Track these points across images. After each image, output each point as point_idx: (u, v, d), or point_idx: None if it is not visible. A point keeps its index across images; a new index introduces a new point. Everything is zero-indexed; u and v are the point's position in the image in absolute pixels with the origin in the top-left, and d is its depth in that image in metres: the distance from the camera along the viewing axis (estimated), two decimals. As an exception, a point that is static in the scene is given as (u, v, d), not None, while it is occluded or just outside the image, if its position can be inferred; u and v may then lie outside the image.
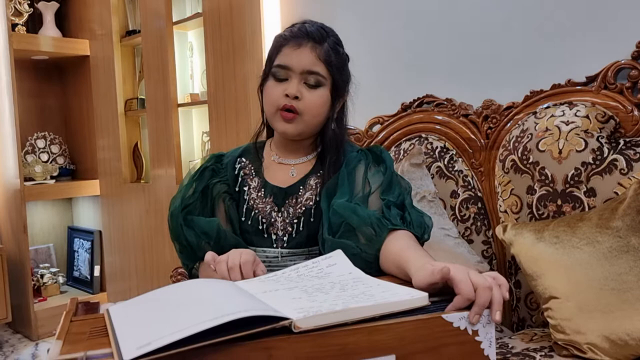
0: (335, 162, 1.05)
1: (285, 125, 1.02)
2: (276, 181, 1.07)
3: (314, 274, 0.79)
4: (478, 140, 1.51)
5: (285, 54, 1.01)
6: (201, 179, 1.09)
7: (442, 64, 1.66)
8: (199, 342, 0.53)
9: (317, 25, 1.04)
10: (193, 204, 1.06)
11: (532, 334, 1.22)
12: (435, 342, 0.61)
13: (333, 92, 1.04)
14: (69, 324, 0.66)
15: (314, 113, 1.02)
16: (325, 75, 1.02)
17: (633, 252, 1.03)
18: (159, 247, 2.60)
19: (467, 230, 1.47)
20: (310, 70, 1.00)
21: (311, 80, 1.01)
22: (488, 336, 0.63)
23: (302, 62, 1.00)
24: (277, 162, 1.10)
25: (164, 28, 2.45)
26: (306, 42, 1.00)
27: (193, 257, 1.05)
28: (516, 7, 1.50)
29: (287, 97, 1.00)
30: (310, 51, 1.00)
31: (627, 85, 1.28)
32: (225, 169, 1.11)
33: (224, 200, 1.09)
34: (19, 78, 2.72)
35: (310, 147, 1.10)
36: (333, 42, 1.03)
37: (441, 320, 0.62)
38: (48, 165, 2.93)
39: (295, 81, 1.01)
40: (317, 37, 1.01)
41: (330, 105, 1.05)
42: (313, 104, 1.01)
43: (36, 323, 2.62)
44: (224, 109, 2.22)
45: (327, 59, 1.01)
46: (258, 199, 1.07)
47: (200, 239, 1.03)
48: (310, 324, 0.58)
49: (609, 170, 1.20)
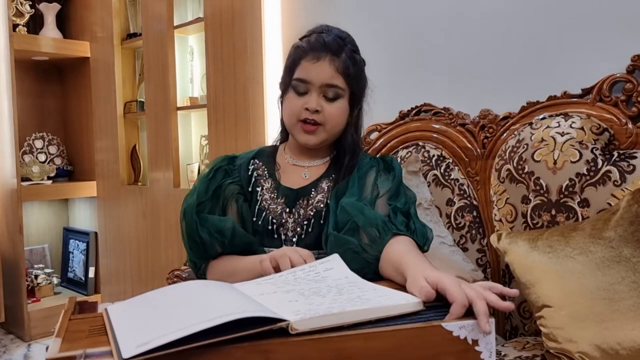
0: (351, 165, 1.07)
1: (307, 137, 1.05)
2: (288, 182, 1.09)
3: (311, 277, 0.79)
4: (474, 149, 1.53)
5: (304, 67, 1.03)
6: (214, 178, 1.09)
7: (441, 73, 1.68)
8: (197, 342, 0.54)
9: (334, 34, 1.05)
10: (205, 203, 1.06)
11: (525, 342, 1.24)
12: (433, 350, 0.60)
13: (351, 101, 1.06)
14: (68, 322, 0.66)
15: (334, 124, 1.05)
16: (344, 87, 1.04)
17: (625, 263, 1.04)
18: (154, 250, 2.60)
19: (462, 238, 1.48)
20: (329, 83, 1.03)
21: (330, 93, 1.03)
22: (488, 346, 0.62)
23: (321, 76, 1.02)
24: (291, 163, 1.11)
25: (165, 32, 2.47)
26: (324, 54, 1.02)
27: (204, 255, 1.05)
28: (515, 19, 1.52)
29: (307, 111, 1.03)
30: (328, 65, 1.02)
31: (622, 99, 1.30)
32: (238, 170, 1.12)
33: (236, 200, 1.09)
34: (19, 78, 2.73)
35: (324, 151, 1.11)
36: (350, 50, 1.05)
37: (440, 329, 0.61)
38: (45, 166, 2.93)
39: (314, 94, 1.03)
40: (335, 48, 1.02)
41: (349, 114, 1.07)
42: (333, 115, 1.04)
43: (29, 324, 2.60)
44: (224, 114, 2.24)
45: (345, 71, 1.03)
46: (270, 200, 1.08)
47: (213, 237, 1.02)
48: (307, 325, 0.58)
49: (602, 181, 1.21)
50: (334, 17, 1.92)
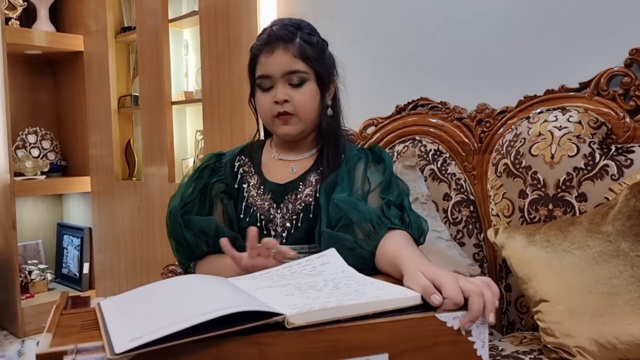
0: (335, 153, 1.06)
1: (285, 128, 1.04)
2: (275, 178, 1.08)
3: (307, 271, 0.79)
4: (471, 143, 1.52)
5: (262, 63, 1.04)
6: (200, 178, 1.09)
7: (437, 67, 1.67)
8: (191, 337, 0.53)
9: (284, 24, 1.05)
10: (191, 203, 1.06)
11: (522, 337, 1.23)
12: (427, 341, 0.61)
13: (319, 83, 1.05)
14: (60, 317, 0.65)
15: (306, 110, 1.04)
16: (306, 70, 1.03)
17: (623, 257, 1.04)
18: (149, 246, 2.58)
19: (459, 233, 1.48)
20: (289, 70, 1.02)
21: (294, 79, 1.03)
22: (481, 337, 0.63)
23: (280, 65, 1.02)
24: (277, 158, 1.11)
25: (159, 25, 2.45)
26: (277, 45, 1.02)
27: (190, 255, 1.06)
28: (512, 13, 1.51)
29: (277, 104, 1.03)
30: (283, 53, 1.02)
31: (620, 92, 1.29)
32: (224, 168, 1.12)
33: (222, 200, 1.09)
34: (12, 72, 2.70)
35: (310, 143, 1.11)
36: (305, 34, 1.04)
37: (434, 320, 0.62)
38: (39, 161, 2.91)
39: (279, 86, 1.03)
40: (286, 35, 1.02)
41: (320, 96, 1.06)
42: (302, 101, 1.03)
43: (23, 320, 2.59)
44: (219, 108, 2.22)
45: (303, 53, 1.02)
46: (257, 196, 1.07)
47: (198, 238, 1.03)
48: (303, 320, 0.57)
49: (600, 175, 1.21)
50: (330, 11, 1.91)
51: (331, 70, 1.09)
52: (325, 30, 1.14)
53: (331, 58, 1.10)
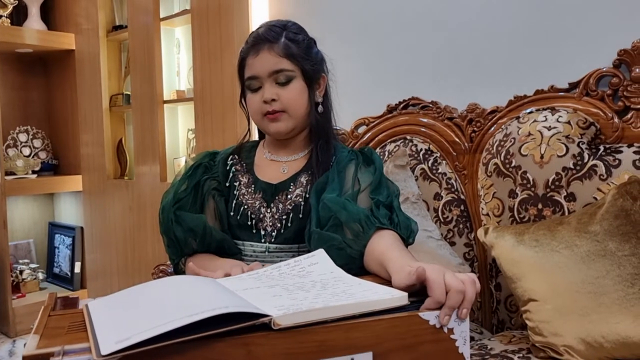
0: (326, 153, 1.07)
1: (275, 126, 1.06)
2: (267, 177, 1.09)
3: (296, 272, 0.79)
4: (462, 143, 1.53)
5: (249, 65, 1.06)
6: (194, 175, 1.11)
7: (428, 67, 1.67)
8: (178, 338, 0.53)
9: (269, 25, 1.07)
10: (184, 200, 1.07)
11: (511, 335, 1.24)
12: (411, 339, 0.62)
13: (307, 79, 1.06)
14: (47, 319, 0.65)
15: (295, 106, 1.05)
16: (292, 68, 1.04)
17: (610, 257, 1.05)
18: (141, 245, 2.58)
19: (449, 232, 1.48)
20: (275, 70, 1.04)
21: (281, 78, 1.04)
22: (463, 334, 0.64)
23: (265, 66, 1.04)
24: (269, 159, 1.12)
25: (151, 24, 2.43)
26: (262, 46, 1.04)
27: (180, 252, 1.07)
28: (502, 13, 1.52)
29: (266, 104, 1.05)
30: (268, 53, 1.04)
31: (608, 93, 1.30)
32: (217, 166, 1.13)
33: (213, 197, 1.10)
34: (2, 71, 2.69)
35: (302, 144, 1.11)
36: (291, 33, 1.06)
37: (418, 319, 0.62)
38: (30, 160, 2.89)
39: (267, 85, 1.05)
40: (271, 36, 1.04)
41: (308, 93, 1.07)
42: (290, 98, 1.04)
43: (14, 319, 2.58)
44: (210, 107, 2.21)
45: (287, 52, 1.04)
46: (248, 195, 1.08)
47: (187, 235, 1.04)
48: (290, 321, 0.58)
49: (588, 175, 1.22)
50: (321, 10, 1.91)
51: (319, 67, 1.09)
52: (317, 30, 1.14)
53: (319, 55, 1.11)
